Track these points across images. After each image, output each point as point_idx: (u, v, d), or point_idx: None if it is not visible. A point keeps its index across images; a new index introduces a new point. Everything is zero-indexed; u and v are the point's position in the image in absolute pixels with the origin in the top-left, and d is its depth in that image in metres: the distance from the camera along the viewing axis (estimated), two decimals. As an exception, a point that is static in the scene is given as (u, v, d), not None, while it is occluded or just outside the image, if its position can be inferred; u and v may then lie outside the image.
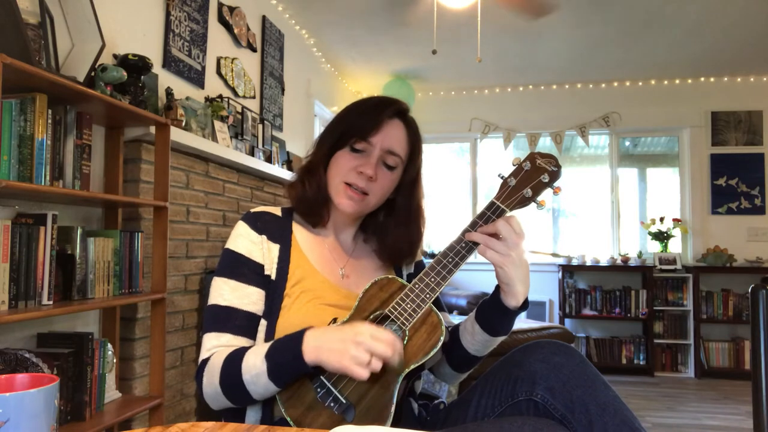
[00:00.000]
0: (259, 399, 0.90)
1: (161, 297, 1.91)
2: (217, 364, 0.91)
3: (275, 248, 1.01)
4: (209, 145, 2.26)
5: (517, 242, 0.91)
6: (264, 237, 1.02)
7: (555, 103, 4.89)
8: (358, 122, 1.03)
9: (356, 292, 1.01)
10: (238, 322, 0.96)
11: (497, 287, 0.96)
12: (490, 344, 1.02)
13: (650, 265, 4.51)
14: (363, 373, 0.80)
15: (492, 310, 0.98)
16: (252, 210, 1.06)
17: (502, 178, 0.98)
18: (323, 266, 1.04)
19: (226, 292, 0.97)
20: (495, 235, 0.92)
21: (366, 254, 1.12)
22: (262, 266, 1.00)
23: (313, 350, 0.84)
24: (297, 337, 0.86)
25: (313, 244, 1.06)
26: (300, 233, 1.07)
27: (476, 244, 0.94)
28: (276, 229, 1.04)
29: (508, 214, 0.95)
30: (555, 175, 0.95)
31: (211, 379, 0.91)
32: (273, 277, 0.99)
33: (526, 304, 0.96)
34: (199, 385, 0.95)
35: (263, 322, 0.97)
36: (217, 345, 0.95)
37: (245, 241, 1.01)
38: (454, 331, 1.07)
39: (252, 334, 0.97)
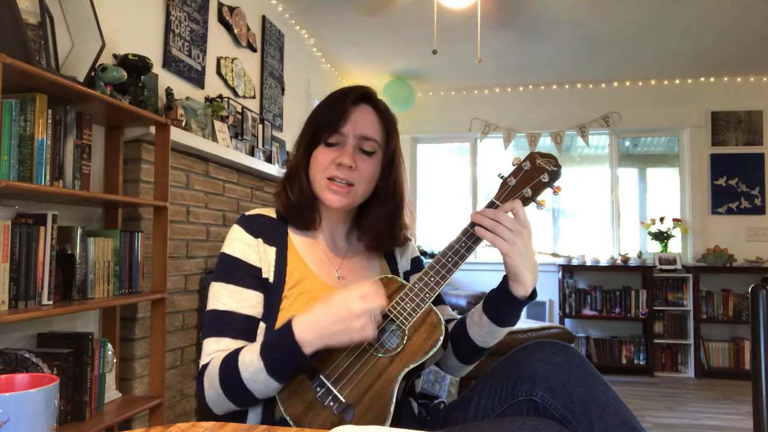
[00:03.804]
0: (262, 397, 0.90)
1: (161, 297, 1.91)
2: (216, 367, 0.91)
3: (272, 251, 1.01)
4: (209, 145, 2.26)
5: (520, 231, 0.91)
6: (260, 240, 1.01)
7: (555, 103, 4.89)
8: (325, 116, 1.03)
9: None
10: (237, 325, 0.96)
11: (505, 277, 0.96)
12: (497, 335, 1.02)
13: (650, 265, 4.51)
14: (373, 334, 0.85)
15: (500, 299, 0.98)
16: (246, 213, 1.06)
17: (501, 177, 0.98)
18: (319, 268, 1.04)
19: (224, 297, 0.97)
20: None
21: (360, 254, 1.12)
22: (259, 269, 0.99)
23: (315, 340, 0.84)
24: (286, 331, 0.86)
25: (308, 246, 1.06)
26: (295, 235, 1.06)
27: (476, 243, 0.94)
28: (272, 232, 1.03)
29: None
30: (555, 175, 0.95)
31: (212, 382, 0.91)
32: (271, 279, 0.99)
33: (534, 295, 0.96)
34: (200, 391, 0.95)
35: (262, 325, 0.97)
36: (216, 349, 0.94)
37: (241, 244, 1.01)
38: (460, 323, 1.07)
39: (251, 338, 0.96)
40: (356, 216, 1.13)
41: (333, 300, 0.85)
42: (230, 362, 0.89)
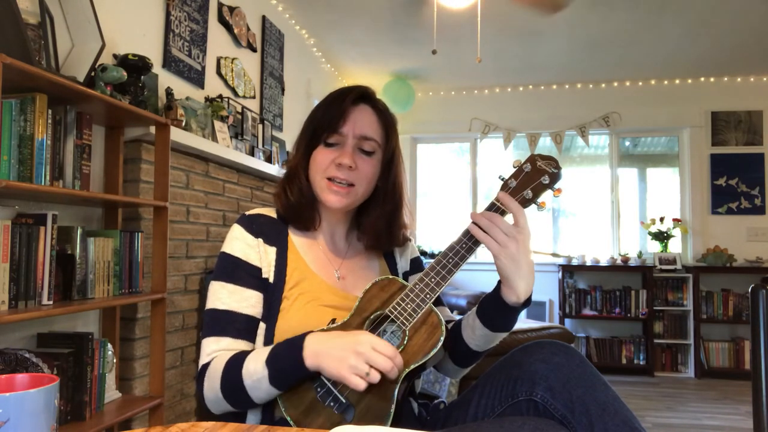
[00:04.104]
0: (260, 403, 0.91)
1: (161, 297, 1.91)
2: (218, 369, 0.90)
3: (272, 251, 1.01)
4: (209, 145, 2.26)
5: (515, 235, 0.90)
6: (260, 240, 1.01)
7: (555, 103, 4.89)
8: (325, 116, 1.02)
9: (353, 294, 1.02)
10: (237, 325, 0.96)
11: (499, 281, 0.96)
12: (490, 340, 1.02)
13: (650, 265, 4.51)
14: (360, 384, 0.81)
15: (492, 304, 0.97)
16: (247, 213, 1.06)
17: (502, 179, 0.98)
18: (319, 268, 1.04)
19: (224, 296, 0.97)
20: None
21: (360, 254, 1.11)
22: (259, 269, 0.99)
23: (313, 355, 0.85)
24: (298, 343, 0.87)
25: (308, 246, 1.06)
26: (295, 235, 1.06)
27: (476, 243, 0.94)
28: (272, 232, 1.03)
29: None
30: (555, 177, 0.95)
31: (212, 384, 0.91)
32: (271, 280, 0.99)
33: (527, 302, 0.95)
34: (200, 390, 0.95)
35: (262, 325, 0.97)
36: (216, 349, 0.94)
37: (241, 244, 1.00)
38: (455, 326, 1.07)
39: (251, 337, 0.96)
40: (356, 216, 1.13)
41: (352, 333, 0.86)
42: (234, 366, 0.89)
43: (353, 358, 0.81)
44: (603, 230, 4.90)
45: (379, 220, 1.08)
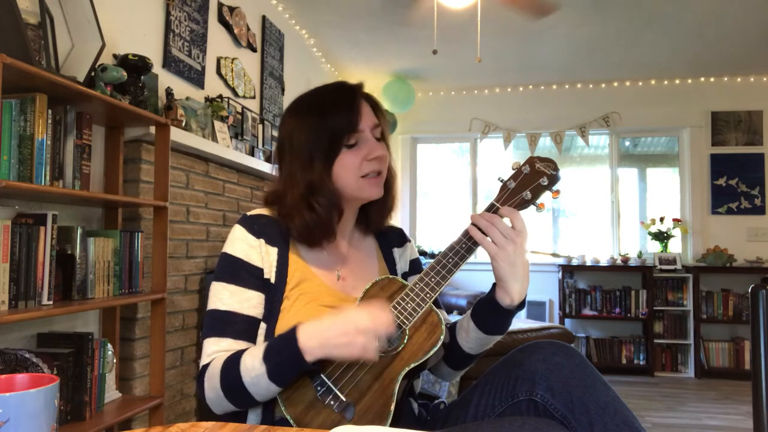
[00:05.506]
0: (262, 400, 0.90)
1: (161, 297, 1.91)
2: (217, 369, 0.90)
3: (273, 251, 1.01)
4: (209, 145, 2.26)
5: (513, 238, 0.90)
6: (262, 240, 1.01)
7: (555, 103, 4.89)
8: (340, 120, 0.99)
9: (352, 295, 1.02)
10: (238, 326, 0.96)
11: (494, 284, 0.96)
12: (485, 343, 1.02)
13: (650, 265, 4.51)
14: (375, 357, 0.85)
15: (487, 307, 0.98)
16: (248, 213, 1.05)
17: (501, 181, 0.98)
18: (320, 269, 1.04)
19: (225, 297, 0.97)
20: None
21: (360, 254, 1.11)
22: (261, 270, 0.99)
23: (316, 348, 0.84)
24: (290, 337, 0.86)
25: (309, 247, 1.06)
26: None
27: (476, 244, 0.94)
28: (274, 232, 1.03)
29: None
30: (554, 179, 0.96)
31: (213, 384, 0.91)
32: (272, 280, 0.99)
33: (522, 305, 0.95)
34: (200, 391, 0.95)
35: (262, 325, 0.97)
36: (217, 350, 0.94)
37: (243, 245, 1.00)
38: (450, 328, 1.07)
39: (252, 338, 0.96)
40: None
41: (342, 314, 0.86)
42: (232, 365, 0.89)
43: (360, 338, 0.83)
44: (603, 230, 4.90)
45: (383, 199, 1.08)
